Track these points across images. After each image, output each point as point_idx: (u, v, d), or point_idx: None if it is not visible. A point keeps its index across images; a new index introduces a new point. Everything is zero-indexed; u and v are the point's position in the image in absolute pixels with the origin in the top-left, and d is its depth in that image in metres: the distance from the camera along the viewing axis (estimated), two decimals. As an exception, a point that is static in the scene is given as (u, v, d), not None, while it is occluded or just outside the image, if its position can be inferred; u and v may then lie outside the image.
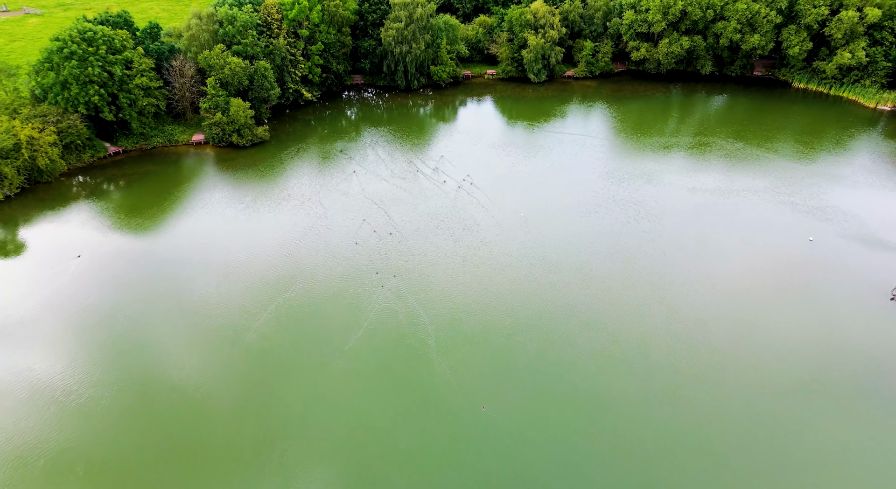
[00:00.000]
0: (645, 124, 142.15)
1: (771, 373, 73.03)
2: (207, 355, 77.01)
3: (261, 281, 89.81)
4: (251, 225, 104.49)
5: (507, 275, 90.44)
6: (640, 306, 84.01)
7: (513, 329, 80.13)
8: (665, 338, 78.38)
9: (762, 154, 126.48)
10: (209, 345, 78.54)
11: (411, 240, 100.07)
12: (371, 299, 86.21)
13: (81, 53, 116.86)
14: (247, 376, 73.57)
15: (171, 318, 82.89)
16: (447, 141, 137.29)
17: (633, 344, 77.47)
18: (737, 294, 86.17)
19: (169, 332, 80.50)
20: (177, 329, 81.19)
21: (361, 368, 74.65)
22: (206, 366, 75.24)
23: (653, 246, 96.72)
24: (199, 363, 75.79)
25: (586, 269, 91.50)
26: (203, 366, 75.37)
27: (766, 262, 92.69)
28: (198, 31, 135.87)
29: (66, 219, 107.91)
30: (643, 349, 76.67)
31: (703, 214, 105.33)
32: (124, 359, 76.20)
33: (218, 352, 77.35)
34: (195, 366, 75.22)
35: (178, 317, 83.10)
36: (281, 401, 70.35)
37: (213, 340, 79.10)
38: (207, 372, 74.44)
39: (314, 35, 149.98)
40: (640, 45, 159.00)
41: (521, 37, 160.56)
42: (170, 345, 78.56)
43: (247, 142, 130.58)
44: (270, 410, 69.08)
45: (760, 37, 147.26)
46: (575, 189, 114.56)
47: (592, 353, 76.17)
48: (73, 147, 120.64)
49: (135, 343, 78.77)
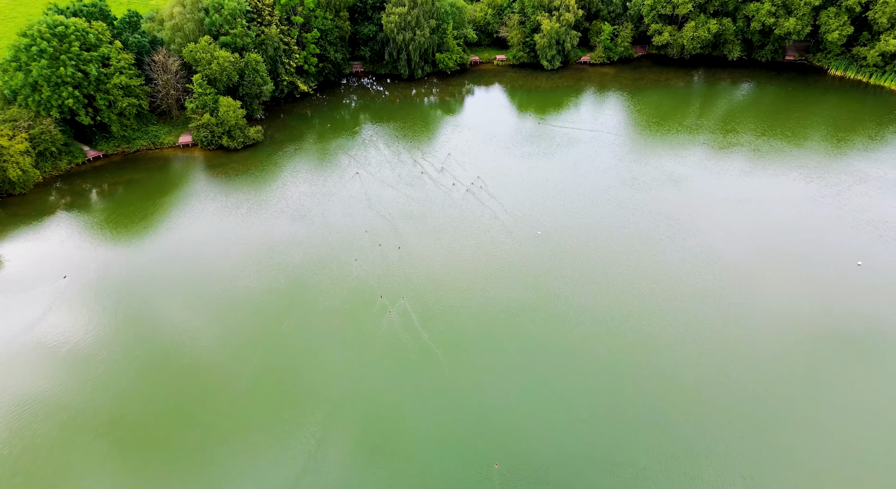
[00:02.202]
0: (668, 118, 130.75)
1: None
2: (203, 396, 71.33)
3: (254, 313, 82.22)
4: (245, 241, 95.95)
5: (529, 314, 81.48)
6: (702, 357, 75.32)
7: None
8: (723, 389, 69.96)
9: (800, 154, 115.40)
10: (202, 387, 72.53)
11: (419, 256, 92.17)
12: (376, 329, 78.50)
13: (52, 51, 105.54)
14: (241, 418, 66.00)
15: (161, 353, 76.48)
16: (454, 137, 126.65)
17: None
18: (783, 353, 76.95)
19: (155, 369, 74.07)
20: (166, 368, 74.63)
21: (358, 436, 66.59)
22: (200, 408, 69.93)
23: (696, 275, 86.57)
24: (193, 406, 70.21)
25: (619, 307, 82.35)
26: (196, 408, 69.97)
27: (810, 299, 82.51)
28: (181, 21, 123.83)
29: (46, 236, 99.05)
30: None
31: (739, 232, 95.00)
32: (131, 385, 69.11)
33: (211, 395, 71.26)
34: (187, 408, 69.92)
35: (167, 356, 75.96)
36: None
37: (204, 387, 72.24)
38: (201, 414, 68.97)
39: (309, 21, 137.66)
40: (662, 29, 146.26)
41: (534, 19, 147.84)
42: (157, 384, 72.45)
43: (238, 144, 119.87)
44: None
45: (797, 20, 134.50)
46: (597, 198, 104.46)
47: (641, 399, 68.07)
48: (47, 154, 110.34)
49: (136, 374, 73.79)
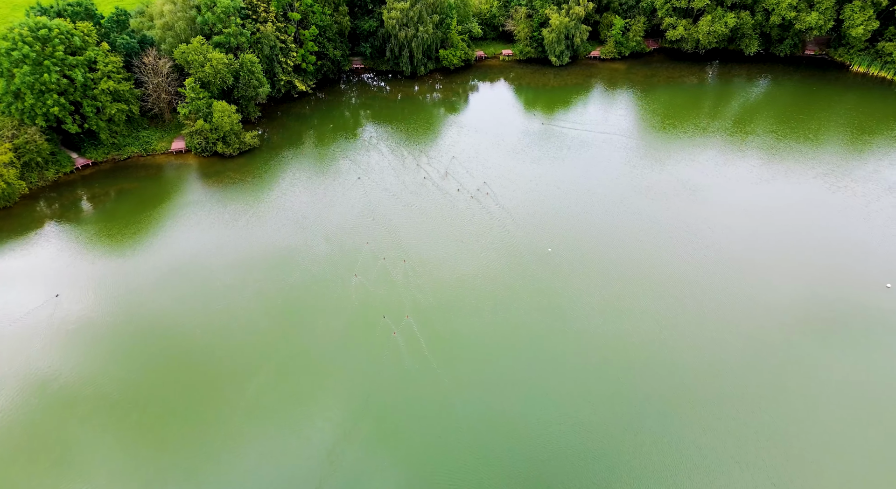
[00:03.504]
0: (682, 119, 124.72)
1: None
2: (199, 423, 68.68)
3: (252, 338, 78.44)
4: (244, 258, 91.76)
5: (543, 340, 76.98)
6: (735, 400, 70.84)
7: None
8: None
9: (823, 158, 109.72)
10: (202, 404, 70.52)
11: (423, 271, 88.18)
12: (381, 356, 74.07)
13: (35, 56, 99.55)
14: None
15: (157, 377, 73.27)
16: (458, 139, 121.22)
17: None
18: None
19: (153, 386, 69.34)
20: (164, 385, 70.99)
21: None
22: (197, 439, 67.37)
23: (722, 306, 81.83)
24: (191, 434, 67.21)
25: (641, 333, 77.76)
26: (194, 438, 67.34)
27: (833, 329, 77.98)
28: (172, 19, 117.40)
29: (34, 251, 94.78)
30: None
31: (762, 250, 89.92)
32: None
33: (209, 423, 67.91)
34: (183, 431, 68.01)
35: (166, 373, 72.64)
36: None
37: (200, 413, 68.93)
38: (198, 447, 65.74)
39: (307, 17, 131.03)
40: (677, 23, 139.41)
41: (542, 13, 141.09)
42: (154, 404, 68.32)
43: (234, 150, 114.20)
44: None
45: (819, 14, 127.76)
46: (611, 210, 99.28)
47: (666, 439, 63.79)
48: (33, 165, 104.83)
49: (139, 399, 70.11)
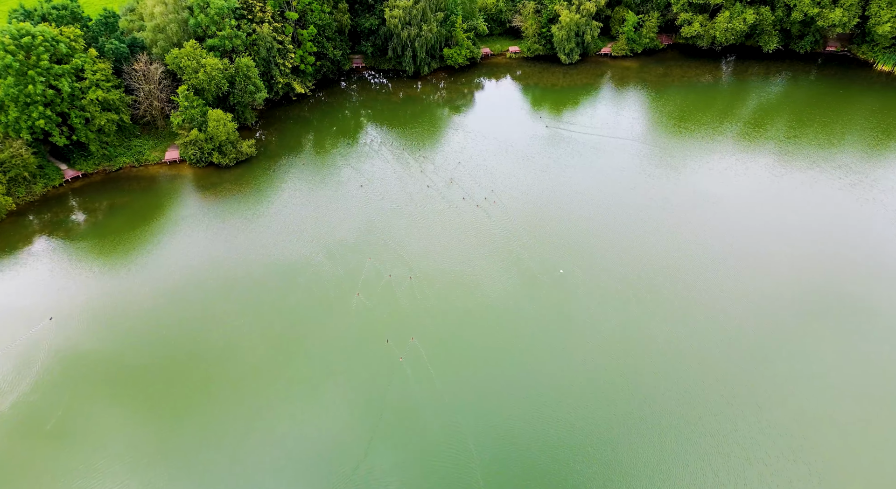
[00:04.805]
0: (699, 122, 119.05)
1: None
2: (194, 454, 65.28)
3: (249, 371, 73.95)
4: (242, 278, 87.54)
5: (559, 380, 72.67)
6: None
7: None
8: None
9: (852, 166, 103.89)
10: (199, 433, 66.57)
11: (428, 290, 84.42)
12: (386, 388, 69.90)
13: (18, 67, 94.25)
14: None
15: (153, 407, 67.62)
16: (464, 144, 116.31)
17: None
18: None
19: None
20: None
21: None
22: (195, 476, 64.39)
23: (747, 333, 77.80)
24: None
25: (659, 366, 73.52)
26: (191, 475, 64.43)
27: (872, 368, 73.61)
28: (163, 21, 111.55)
29: (24, 272, 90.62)
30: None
31: (801, 282, 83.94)
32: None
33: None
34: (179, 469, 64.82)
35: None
36: None
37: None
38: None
39: (305, 16, 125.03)
40: (693, 19, 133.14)
41: (552, 9, 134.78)
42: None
43: (230, 160, 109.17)
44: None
45: (843, 11, 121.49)
46: (626, 221, 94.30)
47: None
48: (19, 179, 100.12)
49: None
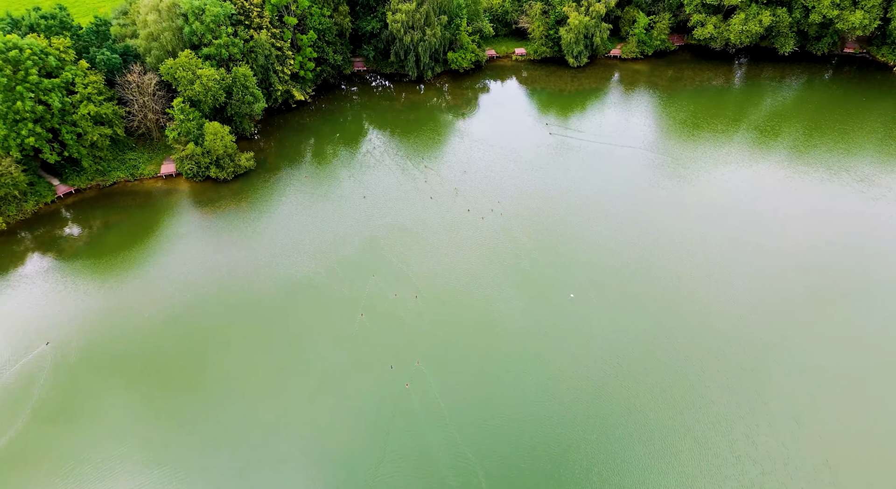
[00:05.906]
0: (712, 130, 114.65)
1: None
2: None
3: (255, 401, 70.96)
4: (242, 301, 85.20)
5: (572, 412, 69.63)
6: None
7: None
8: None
9: (874, 177, 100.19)
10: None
11: (434, 311, 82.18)
12: (392, 419, 66.58)
13: (6, 82, 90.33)
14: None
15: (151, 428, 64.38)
16: (469, 152, 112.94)
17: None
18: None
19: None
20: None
21: None
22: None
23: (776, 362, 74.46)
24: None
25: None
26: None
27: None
28: (157, 30, 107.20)
29: (17, 295, 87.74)
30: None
31: (823, 301, 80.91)
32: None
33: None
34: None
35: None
36: None
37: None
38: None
39: (304, 20, 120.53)
40: (706, 20, 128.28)
41: (560, 10, 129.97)
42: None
43: (228, 174, 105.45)
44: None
45: (864, 13, 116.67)
46: (643, 245, 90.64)
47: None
48: (10, 198, 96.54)
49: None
